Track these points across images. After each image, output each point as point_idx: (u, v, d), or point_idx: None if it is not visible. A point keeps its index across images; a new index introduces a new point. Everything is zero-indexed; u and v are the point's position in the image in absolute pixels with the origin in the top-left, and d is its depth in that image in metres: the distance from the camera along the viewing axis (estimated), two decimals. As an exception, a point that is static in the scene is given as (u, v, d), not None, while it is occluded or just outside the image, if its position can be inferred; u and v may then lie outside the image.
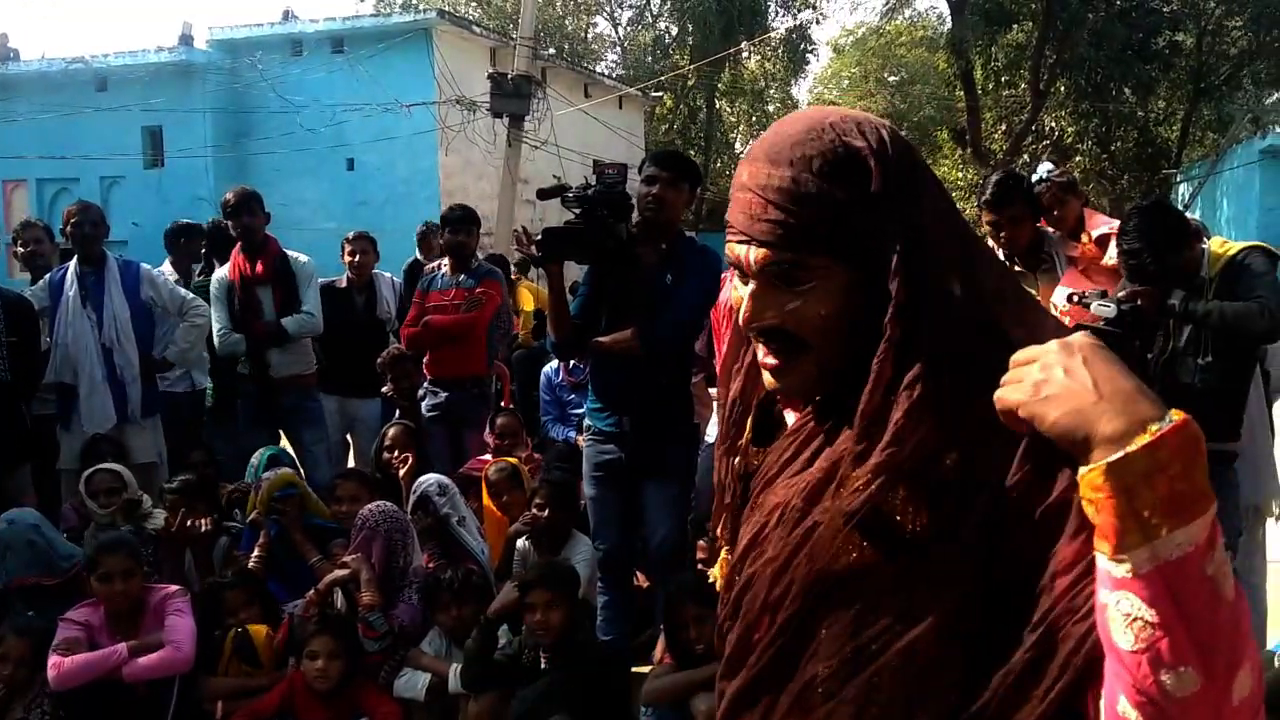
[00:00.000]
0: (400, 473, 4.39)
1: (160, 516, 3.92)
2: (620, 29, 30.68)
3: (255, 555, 3.82)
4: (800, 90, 32.71)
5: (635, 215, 3.32)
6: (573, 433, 4.93)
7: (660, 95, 25.22)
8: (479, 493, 4.24)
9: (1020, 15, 18.88)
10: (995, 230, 3.76)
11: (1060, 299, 3.32)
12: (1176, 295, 3.11)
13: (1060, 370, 0.74)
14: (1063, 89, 19.18)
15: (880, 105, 28.86)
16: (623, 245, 3.26)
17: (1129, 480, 0.68)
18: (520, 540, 3.91)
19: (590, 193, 3.23)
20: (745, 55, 26.31)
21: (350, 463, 5.40)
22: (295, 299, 4.76)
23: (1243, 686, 0.69)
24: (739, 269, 0.96)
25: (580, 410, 4.49)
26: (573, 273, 5.12)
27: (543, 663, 3.16)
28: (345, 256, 5.48)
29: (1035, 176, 3.81)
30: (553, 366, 5.28)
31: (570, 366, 5.06)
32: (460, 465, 4.63)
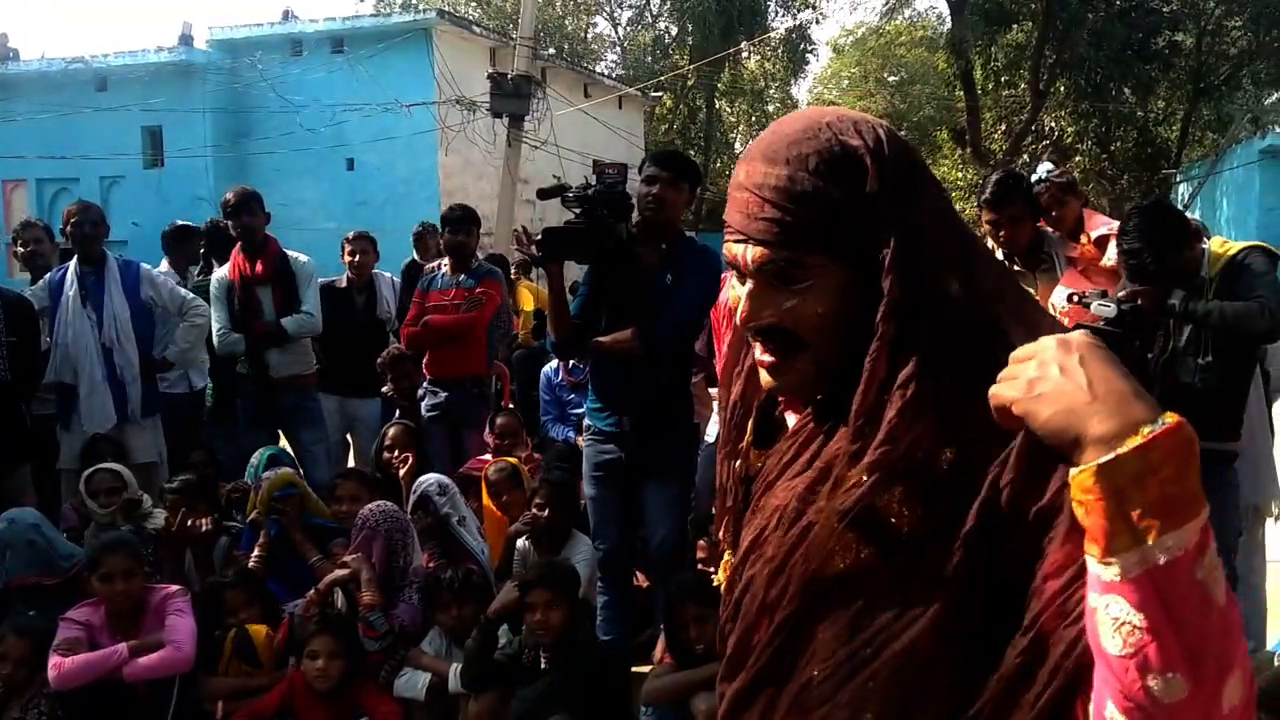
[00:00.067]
0: (400, 472, 4.39)
1: (160, 516, 3.91)
2: (620, 29, 30.70)
3: (255, 555, 3.82)
4: (800, 90, 32.75)
5: (635, 215, 3.32)
6: (572, 433, 4.93)
7: (660, 95, 25.21)
8: (479, 493, 4.24)
9: (1020, 15, 18.87)
10: (995, 229, 3.75)
11: (1060, 299, 3.31)
12: (1177, 295, 3.11)
13: (1056, 368, 0.73)
14: (1062, 89, 19.16)
15: (880, 105, 28.84)
16: (623, 245, 3.26)
17: (1119, 483, 0.67)
18: (520, 540, 3.91)
19: (590, 192, 3.23)
20: (745, 55, 26.30)
21: (350, 463, 5.40)
22: (295, 299, 4.76)
23: (1233, 694, 0.68)
24: (736, 268, 0.96)
25: (580, 410, 4.48)
26: (573, 273, 5.12)
27: (543, 662, 3.16)
28: (345, 256, 5.48)
29: (1035, 176, 3.80)
30: (552, 366, 5.28)
31: (570, 366, 5.06)
32: (460, 465, 4.63)
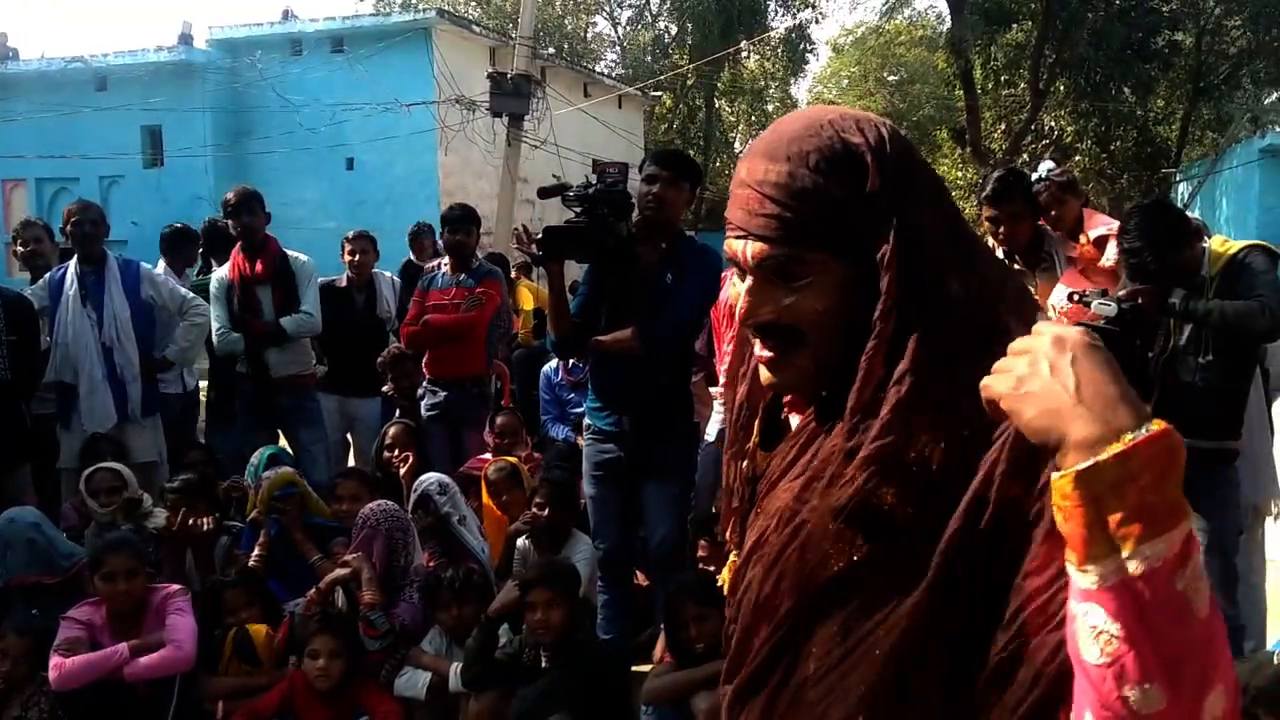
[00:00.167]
0: (401, 472, 4.39)
1: (161, 515, 3.91)
2: (620, 28, 30.72)
3: (256, 554, 3.82)
4: (800, 90, 32.78)
5: (635, 214, 3.32)
6: (572, 432, 4.93)
7: (660, 95, 25.22)
8: (479, 492, 4.25)
9: (1020, 15, 18.85)
10: (994, 226, 3.74)
11: (1060, 298, 3.31)
12: (1177, 294, 3.11)
13: (1046, 366, 0.71)
14: (1062, 88, 19.15)
15: (880, 105, 28.85)
16: (623, 244, 3.26)
17: (1098, 490, 0.66)
18: (520, 539, 3.92)
19: (591, 191, 3.23)
20: (745, 55, 26.30)
21: (350, 462, 5.40)
22: (295, 299, 4.76)
23: (1215, 707, 0.66)
24: (737, 264, 0.96)
25: (580, 410, 4.48)
26: (573, 272, 5.12)
27: (543, 662, 3.16)
28: (345, 256, 5.48)
29: (1036, 175, 3.80)
30: (552, 366, 5.28)
31: (570, 366, 5.06)
32: (460, 464, 4.63)
